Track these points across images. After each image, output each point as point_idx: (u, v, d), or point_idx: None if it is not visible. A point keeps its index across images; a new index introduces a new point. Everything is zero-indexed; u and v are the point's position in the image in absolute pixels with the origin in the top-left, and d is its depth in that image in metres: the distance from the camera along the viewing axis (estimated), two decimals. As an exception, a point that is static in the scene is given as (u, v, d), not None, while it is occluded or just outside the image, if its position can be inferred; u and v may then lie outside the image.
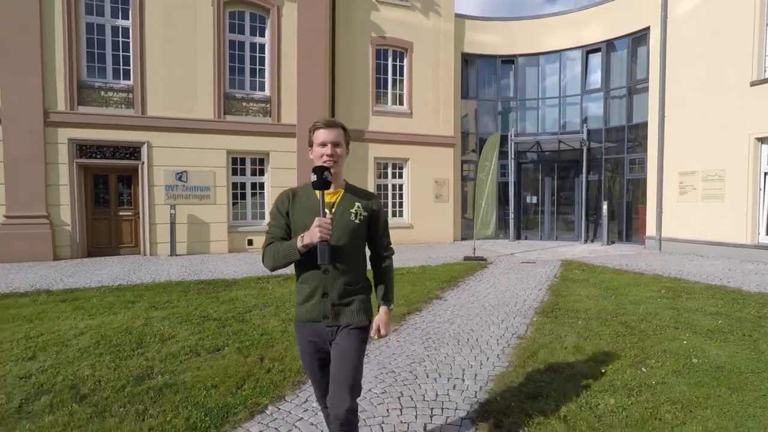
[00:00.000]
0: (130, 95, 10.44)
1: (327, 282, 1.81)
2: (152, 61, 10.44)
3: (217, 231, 10.95)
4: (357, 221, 1.85)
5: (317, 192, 1.79)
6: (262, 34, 11.38)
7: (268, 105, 11.38)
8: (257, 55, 11.39)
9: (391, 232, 2.11)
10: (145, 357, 3.93)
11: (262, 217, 11.67)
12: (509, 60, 14.78)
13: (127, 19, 10.44)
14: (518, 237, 14.57)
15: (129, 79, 10.48)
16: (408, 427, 2.67)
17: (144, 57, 10.39)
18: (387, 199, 13.28)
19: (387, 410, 2.88)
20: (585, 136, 13.19)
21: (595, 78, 13.78)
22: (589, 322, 4.88)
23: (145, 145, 10.44)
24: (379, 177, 13.14)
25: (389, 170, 13.32)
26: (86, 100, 10.21)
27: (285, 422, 2.74)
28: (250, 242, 11.30)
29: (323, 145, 1.83)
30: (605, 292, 6.45)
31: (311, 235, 1.68)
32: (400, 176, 13.48)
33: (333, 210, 1.85)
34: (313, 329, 1.85)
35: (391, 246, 2.05)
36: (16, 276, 7.82)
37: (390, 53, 13.15)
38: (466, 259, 9.92)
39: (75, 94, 10.07)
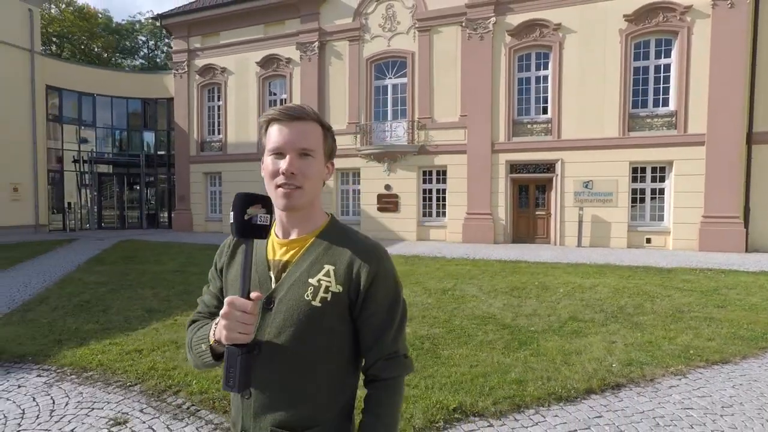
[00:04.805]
0: (549, 125, 13.76)
1: (246, 413, 1.01)
2: (567, 97, 13.40)
3: (617, 229, 12.89)
4: (317, 303, 0.98)
5: (259, 244, 1.06)
6: (668, 55, 12.56)
7: (673, 118, 12.43)
8: (661, 75, 12.65)
9: None
10: (669, 301, 6.16)
11: (660, 219, 12.85)
12: None
13: (547, 69, 13.81)
14: None
15: (547, 114, 13.83)
16: None
17: (561, 95, 13.47)
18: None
19: None
20: None
21: None
22: None
23: (559, 162, 13.50)
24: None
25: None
26: (517, 132, 14.19)
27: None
28: (648, 240, 12.75)
29: (278, 154, 0.99)
30: None
31: (219, 331, 0.91)
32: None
33: (284, 276, 1.02)
34: None
35: (403, 356, 1.04)
36: (494, 252, 11.99)
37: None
38: None
39: (510, 128, 14.18)
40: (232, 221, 0.91)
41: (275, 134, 0.99)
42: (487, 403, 3.30)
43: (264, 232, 0.94)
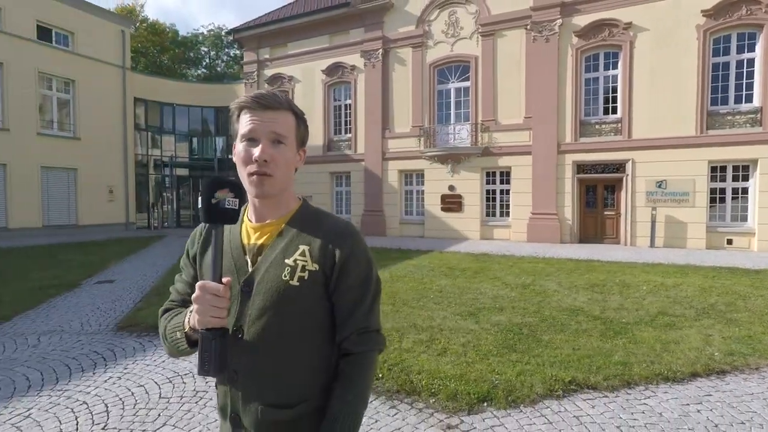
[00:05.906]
0: (618, 125, 13.58)
1: (234, 397, 1.05)
2: (638, 96, 13.17)
3: (694, 230, 12.52)
4: (295, 282, 1.02)
5: (233, 229, 1.10)
6: (751, 50, 12.07)
7: (758, 115, 11.94)
8: (743, 70, 12.18)
9: None
10: (762, 300, 6.18)
11: (744, 219, 12.38)
12: None
13: (616, 69, 13.64)
14: None
15: (617, 114, 13.65)
16: None
17: (631, 95, 13.26)
18: None
19: None
20: None
21: None
22: None
23: (630, 162, 13.30)
24: None
25: None
26: (585, 132, 14.10)
27: None
28: (729, 241, 12.30)
29: (251, 141, 1.02)
30: None
31: (193, 317, 0.95)
32: None
33: (260, 260, 1.05)
34: None
35: (374, 332, 1.08)
36: (562, 251, 12.04)
37: None
38: None
39: (577, 129, 14.12)
40: (201, 206, 0.91)
41: (248, 121, 1.02)
42: (598, 378, 3.66)
43: (233, 216, 0.95)
